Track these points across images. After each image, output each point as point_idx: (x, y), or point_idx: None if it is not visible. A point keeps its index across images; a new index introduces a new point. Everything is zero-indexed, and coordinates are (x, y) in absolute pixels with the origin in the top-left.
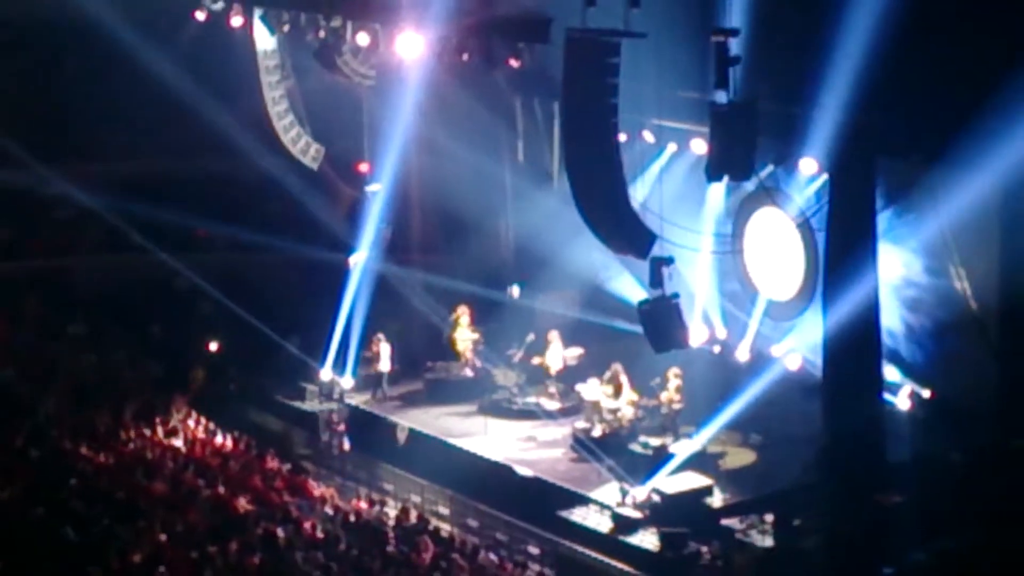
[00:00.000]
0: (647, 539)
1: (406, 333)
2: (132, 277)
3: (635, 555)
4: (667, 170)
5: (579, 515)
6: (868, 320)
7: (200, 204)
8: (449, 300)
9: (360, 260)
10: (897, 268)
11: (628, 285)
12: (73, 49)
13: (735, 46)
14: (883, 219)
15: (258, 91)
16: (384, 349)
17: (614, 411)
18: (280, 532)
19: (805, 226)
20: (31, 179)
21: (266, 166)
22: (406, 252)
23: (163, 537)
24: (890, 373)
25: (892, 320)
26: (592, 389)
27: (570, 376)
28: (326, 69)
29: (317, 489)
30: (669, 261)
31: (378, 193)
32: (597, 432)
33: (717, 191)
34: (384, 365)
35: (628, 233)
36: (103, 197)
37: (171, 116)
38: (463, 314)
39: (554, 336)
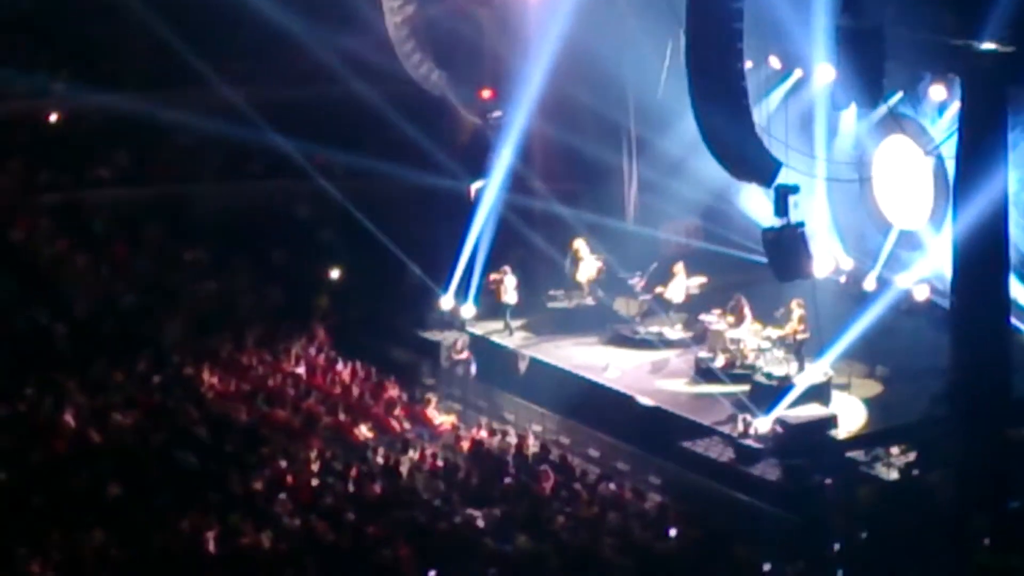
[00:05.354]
0: (769, 470)
1: (527, 261)
2: (252, 204)
3: (757, 486)
4: (793, 97)
5: (701, 446)
6: (997, 249)
7: (320, 130)
8: (570, 228)
9: (481, 188)
10: None
11: (753, 213)
12: None
13: None
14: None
15: (380, 17)
16: (510, 281)
17: (737, 341)
18: (400, 460)
19: (935, 154)
20: (150, 105)
21: (387, 92)
22: (528, 180)
23: (284, 464)
24: (1020, 302)
25: None
26: (715, 319)
27: (693, 306)
28: None
29: (438, 418)
30: (794, 190)
31: (501, 120)
32: (720, 362)
33: (844, 118)
34: (510, 297)
35: (753, 161)
36: (223, 123)
37: (291, 42)
38: (581, 246)
39: (680, 268)
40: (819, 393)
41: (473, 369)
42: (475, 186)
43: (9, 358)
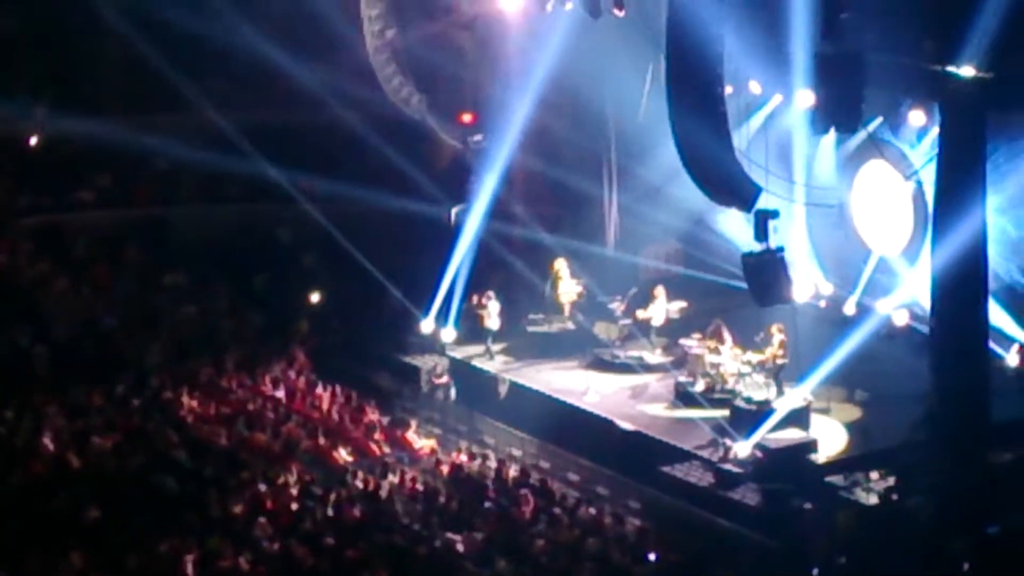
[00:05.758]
0: (749, 495)
1: (508, 286)
2: (233, 228)
3: (736, 511)
4: (773, 122)
5: (681, 470)
6: (976, 274)
7: (301, 155)
8: (550, 253)
9: (462, 212)
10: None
11: (732, 238)
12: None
13: None
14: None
15: (361, 41)
16: (493, 307)
17: (716, 366)
18: (380, 484)
19: (914, 179)
20: (132, 129)
21: (367, 117)
22: (509, 205)
23: (263, 488)
24: (1000, 327)
25: (1003, 274)
26: (695, 343)
27: (673, 330)
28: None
29: (418, 442)
30: (774, 215)
31: (481, 144)
32: (699, 387)
33: (824, 144)
34: (493, 323)
35: (733, 186)
36: (204, 147)
37: (273, 67)
38: (561, 267)
39: (660, 292)
40: (799, 418)
41: (453, 393)
42: (455, 210)
43: None
